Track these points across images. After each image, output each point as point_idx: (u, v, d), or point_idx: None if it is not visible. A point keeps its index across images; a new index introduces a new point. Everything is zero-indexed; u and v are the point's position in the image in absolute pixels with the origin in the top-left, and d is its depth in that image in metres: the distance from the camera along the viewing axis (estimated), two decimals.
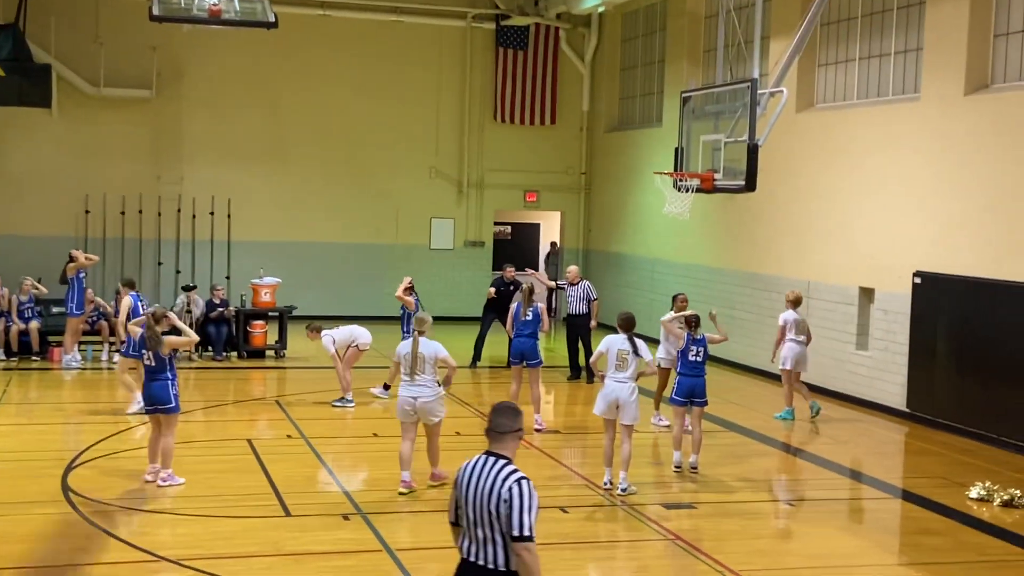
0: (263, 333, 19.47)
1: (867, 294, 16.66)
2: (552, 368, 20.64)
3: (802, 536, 10.73)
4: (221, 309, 19.10)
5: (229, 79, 23.92)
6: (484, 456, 5.57)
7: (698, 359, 12.27)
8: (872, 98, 17.00)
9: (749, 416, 15.67)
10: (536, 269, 28.46)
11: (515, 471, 5.47)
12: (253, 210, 23.94)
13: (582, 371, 17.89)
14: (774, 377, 18.13)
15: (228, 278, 23.05)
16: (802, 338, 15.30)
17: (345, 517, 10.17)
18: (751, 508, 11.23)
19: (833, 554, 9.84)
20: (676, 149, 15.82)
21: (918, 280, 15.40)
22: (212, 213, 23.67)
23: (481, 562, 5.44)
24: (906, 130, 15.86)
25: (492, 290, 19.21)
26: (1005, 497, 11.31)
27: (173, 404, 11.06)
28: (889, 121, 16.26)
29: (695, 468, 12.12)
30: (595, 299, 17.89)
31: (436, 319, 26.44)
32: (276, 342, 19.56)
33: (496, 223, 26.61)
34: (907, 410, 15.64)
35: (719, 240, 20.55)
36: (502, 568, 5.41)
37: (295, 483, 11.30)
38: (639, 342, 11.21)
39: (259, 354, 19.41)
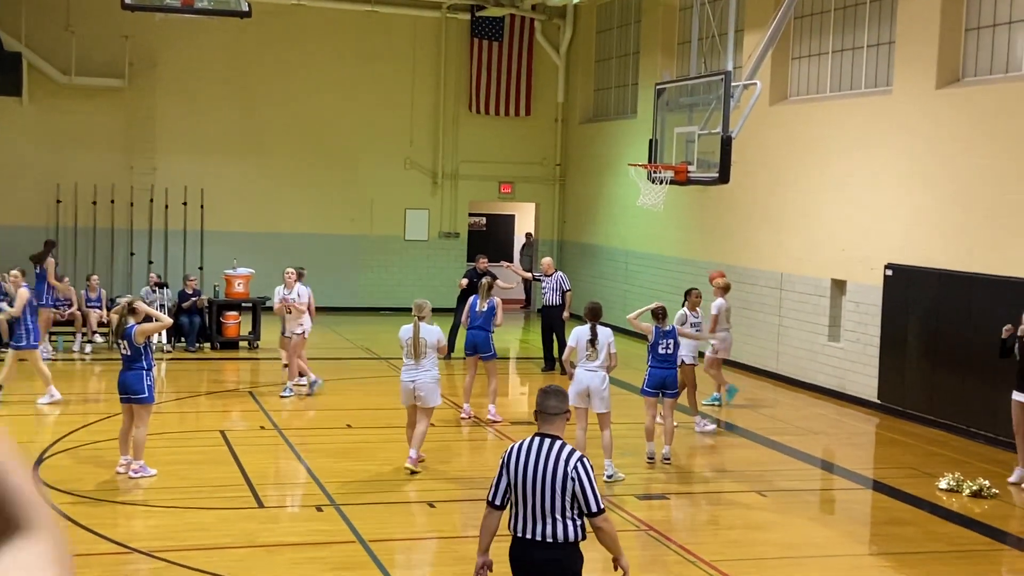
0: (236, 324, 19.39)
1: (839, 286, 16.77)
2: (527, 359, 20.68)
3: (774, 526, 10.80)
4: (194, 299, 19.00)
5: (203, 69, 23.77)
6: (538, 438, 5.84)
7: (668, 351, 12.31)
8: (845, 91, 17.09)
9: (722, 407, 15.75)
10: (511, 260, 28.55)
11: (574, 450, 5.81)
12: (226, 200, 23.83)
13: (556, 362, 17.88)
14: (747, 368, 18.24)
15: (201, 269, 22.92)
16: (728, 325, 15.43)
17: (318, 508, 10.17)
18: (724, 499, 11.30)
19: (804, 544, 9.92)
20: (650, 141, 15.85)
21: (889, 272, 15.52)
22: (185, 203, 23.54)
23: (539, 538, 5.71)
24: (878, 123, 15.95)
25: (464, 281, 19.19)
26: (974, 487, 11.42)
27: (147, 395, 10.95)
28: (861, 114, 16.35)
29: (668, 459, 12.17)
30: (568, 290, 17.90)
31: (410, 311, 26.44)
32: (249, 333, 19.49)
33: (471, 214, 26.59)
34: (878, 401, 15.77)
35: (693, 232, 20.62)
36: (560, 541, 5.69)
37: (268, 474, 11.28)
38: (601, 331, 11.13)
39: (232, 345, 19.34)
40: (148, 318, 11.37)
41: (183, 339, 18.98)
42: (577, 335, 11.20)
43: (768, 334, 17.85)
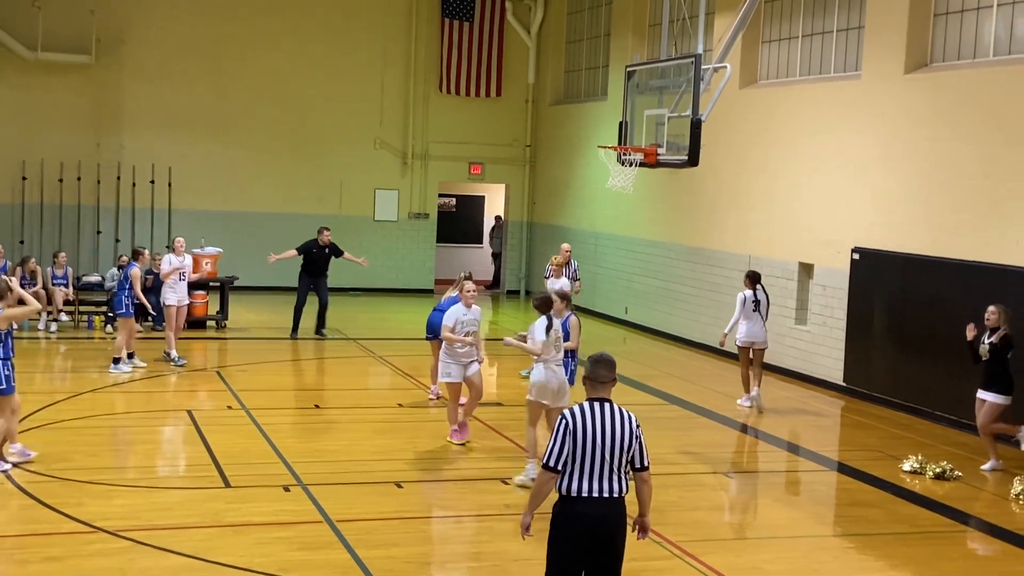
0: (204, 303, 19.27)
1: (807, 269, 16.87)
2: (496, 340, 20.71)
3: (740, 508, 10.89)
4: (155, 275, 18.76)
5: (170, 46, 23.53)
6: (594, 403, 6.27)
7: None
8: (814, 75, 17.15)
9: (691, 390, 15.83)
10: (480, 241, 28.55)
11: (629, 412, 6.34)
12: (194, 179, 23.64)
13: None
14: (716, 352, 18.34)
15: (169, 247, 22.73)
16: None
17: (285, 488, 10.15)
18: (690, 480, 11.37)
19: (769, 525, 10.01)
20: (620, 123, 15.85)
21: (856, 256, 15.62)
22: (153, 182, 23.34)
23: (606, 495, 6.20)
24: (847, 107, 16.03)
25: (293, 252, 18.71)
26: (937, 470, 11.56)
27: (4, 386, 10.19)
28: (830, 98, 16.42)
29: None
30: (578, 279, 17.35)
31: (379, 291, 26.43)
32: (217, 312, 19.38)
33: (441, 195, 26.53)
34: (844, 384, 15.90)
35: (662, 214, 20.67)
36: (622, 495, 6.27)
37: (235, 454, 11.23)
38: (556, 321, 10.72)
39: (200, 324, 19.22)
40: (22, 301, 10.54)
41: (150, 318, 18.82)
42: (538, 331, 10.52)
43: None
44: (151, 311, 16.15)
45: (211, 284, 19.49)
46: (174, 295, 16.18)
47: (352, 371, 16.58)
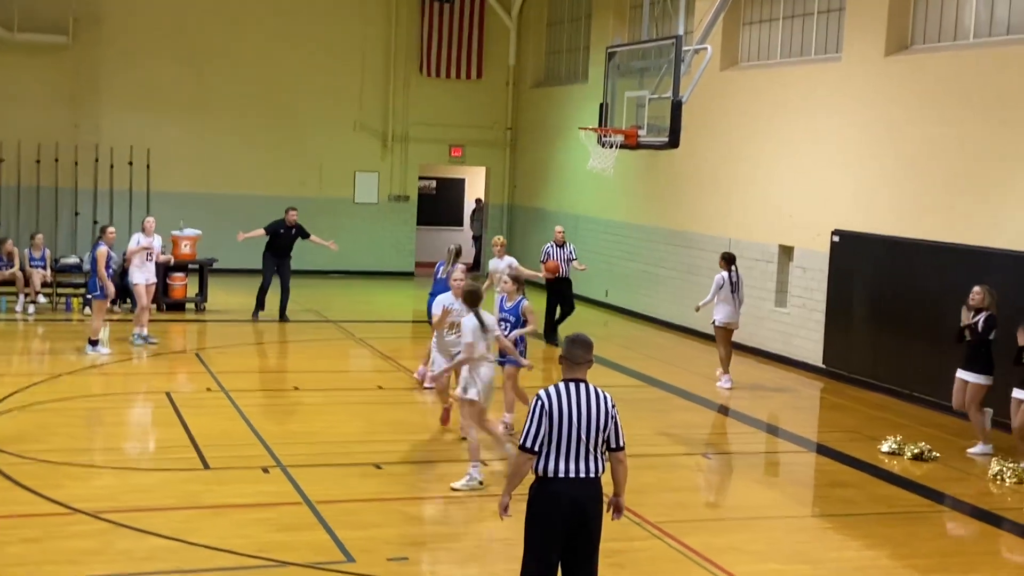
0: (183, 286, 19.18)
1: (787, 252, 16.91)
2: None
3: (719, 488, 10.93)
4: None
5: (149, 26, 23.34)
6: (570, 384, 6.26)
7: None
8: (795, 57, 17.15)
9: (671, 372, 15.87)
10: (461, 224, 28.48)
11: (605, 392, 6.32)
12: (173, 161, 23.49)
13: (556, 334, 17.19)
14: (696, 334, 18.39)
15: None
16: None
17: (264, 470, 10.11)
18: (670, 461, 11.39)
19: (748, 506, 10.04)
20: (601, 105, 15.83)
21: (836, 239, 15.66)
22: (131, 163, 23.18)
23: (583, 475, 6.20)
24: (827, 90, 16.04)
25: (261, 231, 18.52)
26: (915, 450, 11.62)
27: None
28: (811, 81, 16.43)
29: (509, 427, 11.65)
30: (575, 259, 17.43)
31: (359, 274, 26.37)
32: (196, 295, 19.29)
33: (421, 178, 26.44)
34: (823, 366, 15.96)
35: (643, 197, 20.67)
36: (598, 475, 6.26)
37: (214, 436, 11.19)
38: (486, 317, 10.09)
39: (179, 306, 19.13)
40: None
41: (128, 300, 18.71)
42: (470, 328, 9.89)
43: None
44: (109, 293, 15.71)
45: (190, 266, 19.39)
46: (141, 275, 16.02)
47: (332, 353, 16.54)
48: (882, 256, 14.90)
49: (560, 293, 17.54)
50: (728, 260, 14.88)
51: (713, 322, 14.97)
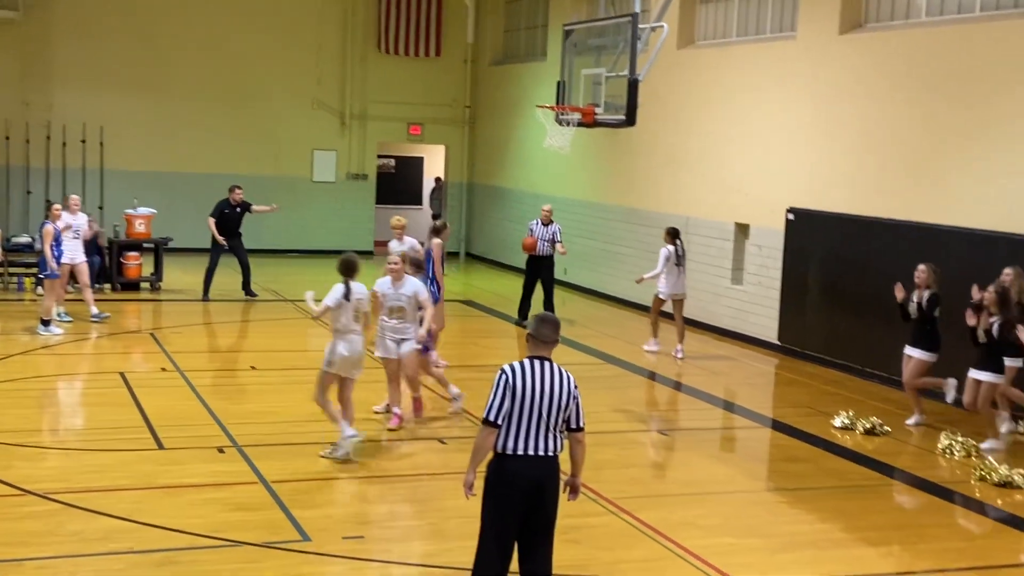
0: (138, 265, 19.00)
1: (743, 230, 17.00)
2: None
3: (675, 464, 11.01)
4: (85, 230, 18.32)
5: (102, 2, 23.01)
6: (536, 361, 6.26)
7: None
8: (751, 36, 17.21)
9: (628, 350, 15.94)
10: (420, 203, 28.40)
11: (567, 371, 6.35)
12: (127, 139, 23.22)
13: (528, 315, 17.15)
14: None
15: (101, 208, 22.39)
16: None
17: (220, 450, 10.07)
18: (626, 438, 11.46)
19: (704, 481, 10.12)
20: (558, 83, 15.81)
21: (791, 216, 15.77)
22: (84, 141, 22.89)
23: (542, 453, 6.21)
24: (782, 68, 16.12)
25: (212, 220, 18.19)
26: (867, 425, 11.77)
27: None
28: (766, 59, 16.50)
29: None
30: (560, 241, 17.23)
31: (317, 253, 26.17)
32: (152, 274, 19.11)
33: (380, 156, 26.32)
34: (778, 343, 16.09)
35: (601, 175, 20.69)
36: (557, 454, 6.28)
37: (169, 416, 11.11)
38: (355, 288, 10.04)
39: (134, 286, 18.95)
40: None
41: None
42: (333, 296, 9.96)
43: None
44: (52, 270, 15.38)
45: (145, 245, 19.20)
46: (67, 255, 15.70)
47: (289, 333, 16.45)
48: (836, 234, 15.02)
49: (537, 273, 17.32)
50: (672, 234, 15.37)
51: (657, 294, 15.47)
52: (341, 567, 7.63)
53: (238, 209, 18.56)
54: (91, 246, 18.53)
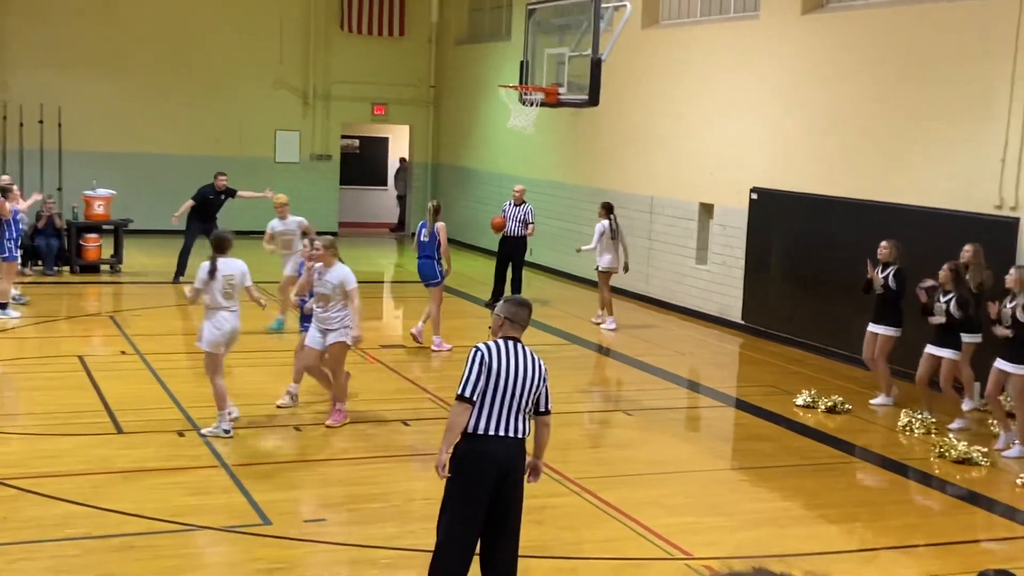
0: (97, 247, 18.77)
1: (707, 209, 17.01)
2: (402, 283, 20.63)
3: (639, 444, 10.99)
4: (46, 214, 18.11)
5: None
6: (509, 342, 6.28)
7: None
8: (714, 15, 17.18)
9: (592, 330, 15.94)
10: (385, 184, 28.23)
11: (538, 356, 6.40)
12: (86, 119, 22.91)
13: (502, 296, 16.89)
14: (618, 292, 18.46)
15: (60, 189, 22.09)
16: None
17: (180, 433, 9.96)
18: (590, 418, 11.46)
19: (668, 460, 10.13)
20: (521, 62, 15.72)
21: (755, 196, 15.79)
22: (41, 122, 22.56)
23: (512, 434, 6.19)
24: (745, 48, 16.11)
25: (191, 202, 17.88)
26: (829, 404, 11.83)
27: None
28: (730, 39, 16.48)
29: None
30: (531, 223, 17.07)
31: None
32: (112, 256, 18.89)
33: (343, 136, 26.13)
34: (742, 322, 16.14)
35: (565, 155, 20.64)
36: (524, 437, 6.28)
37: (128, 400, 10.98)
38: (223, 265, 9.86)
39: (93, 268, 18.72)
40: None
41: (40, 262, 18.29)
42: (201, 275, 9.83)
43: (638, 257, 18.03)
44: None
45: (104, 227, 18.97)
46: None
47: (252, 315, 16.19)
48: (799, 213, 15.05)
49: (508, 255, 17.17)
50: (607, 209, 15.84)
51: (596, 267, 16.01)
52: (302, 550, 7.57)
53: (222, 196, 18.36)
54: (49, 228, 18.35)
